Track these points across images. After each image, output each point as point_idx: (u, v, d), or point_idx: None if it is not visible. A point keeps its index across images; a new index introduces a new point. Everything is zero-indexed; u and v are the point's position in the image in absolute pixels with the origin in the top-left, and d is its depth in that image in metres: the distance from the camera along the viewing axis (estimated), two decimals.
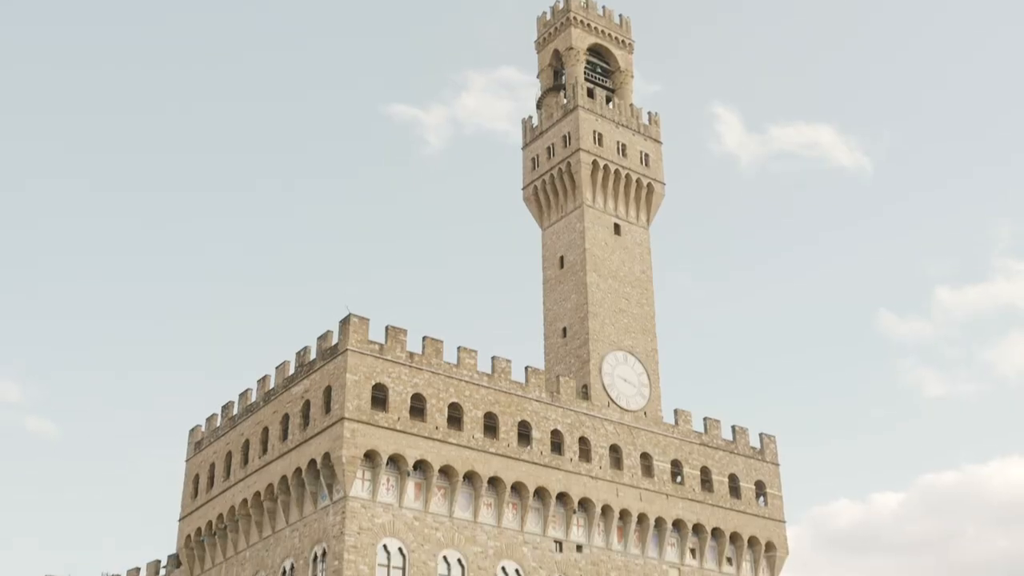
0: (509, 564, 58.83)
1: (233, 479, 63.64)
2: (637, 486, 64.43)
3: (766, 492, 70.28)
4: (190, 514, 67.33)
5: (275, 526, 59.68)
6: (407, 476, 56.73)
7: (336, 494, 55.55)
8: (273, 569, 58.85)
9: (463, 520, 58.10)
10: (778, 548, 68.91)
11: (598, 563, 61.87)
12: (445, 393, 58.99)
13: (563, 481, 61.44)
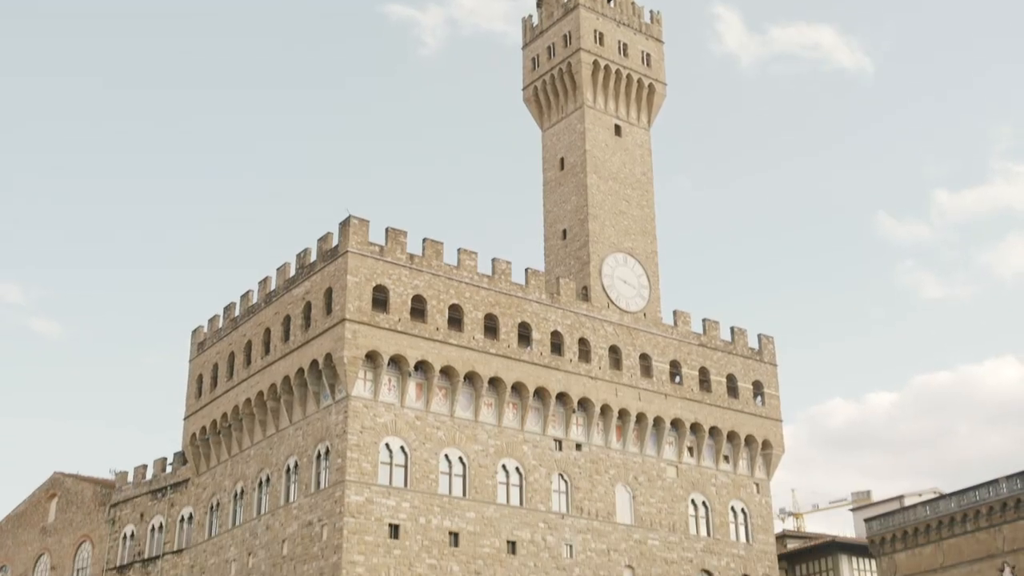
0: (509, 462, 59.84)
1: (236, 379, 64.36)
2: (636, 386, 65.17)
3: (763, 392, 71.13)
4: (195, 413, 68.24)
5: (279, 425, 60.56)
6: (408, 376, 57.37)
7: (338, 394, 56.24)
8: (277, 466, 59.87)
9: (464, 419, 58.92)
10: (774, 446, 70.01)
11: (597, 461, 62.90)
12: (445, 294, 59.32)
13: (563, 381, 62.14)
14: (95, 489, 74.80)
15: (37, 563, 76.14)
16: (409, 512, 55.20)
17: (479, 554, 56.58)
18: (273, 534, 58.50)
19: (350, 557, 52.76)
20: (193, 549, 65.19)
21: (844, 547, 71.23)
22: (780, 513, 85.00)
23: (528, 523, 58.89)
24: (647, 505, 63.94)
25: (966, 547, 57.94)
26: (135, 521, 70.09)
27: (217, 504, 64.46)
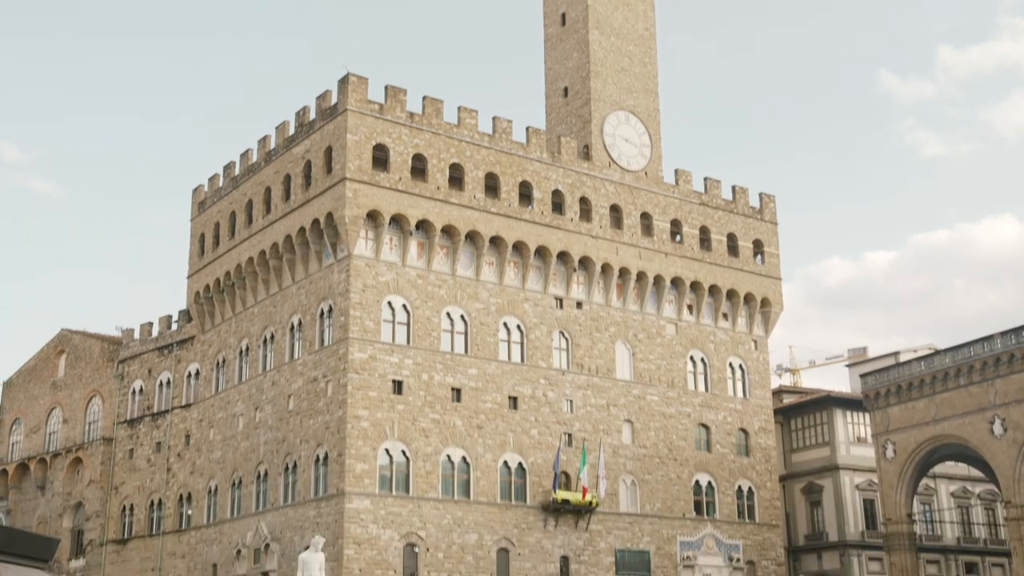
0: (511, 320, 60.59)
1: (238, 238, 64.64)
2: (637, 245, 65.44)
3: (763, 250, 71.44)
4: (198, 272, 68.79)
5: (281, 283, 61.11)
6: (410, 236, 57.60)
7: (340, 253, 56.58)
8: (281, 324, 60.69)
9: (465, 278, 59.40)
10: (773, 304, 70.72)
11: (597, 319, 63.67)
12: (446, 153, 59.03)
13: (564, 240, 62.38)
14: (102, 345, 76.00)
15: (50, 416, 77.95)
16: (412, 369, 56.21)
17: (481, 409, 57.85)
18: (279, 390, 59.72)
19: (355, 412, 53.99)
20: (201, 404, 66.65)
21: (839, 402, 72.63)
22: (777, 369, 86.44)
23: (529, 379, 60.01)
24: (646, 362, 65.00)
25: (958, 401, 59.03)
26: (143, 377, 71.45)
27: (223, 361, 65.59)
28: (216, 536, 62.48)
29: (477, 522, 56.16)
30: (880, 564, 66.88)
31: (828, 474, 71.24)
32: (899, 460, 61.93)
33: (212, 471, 64.14)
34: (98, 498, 71.24)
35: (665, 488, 63.51)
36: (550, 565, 57.89)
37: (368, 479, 53.58)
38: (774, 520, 68.08)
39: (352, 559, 52.11)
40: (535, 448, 59.02)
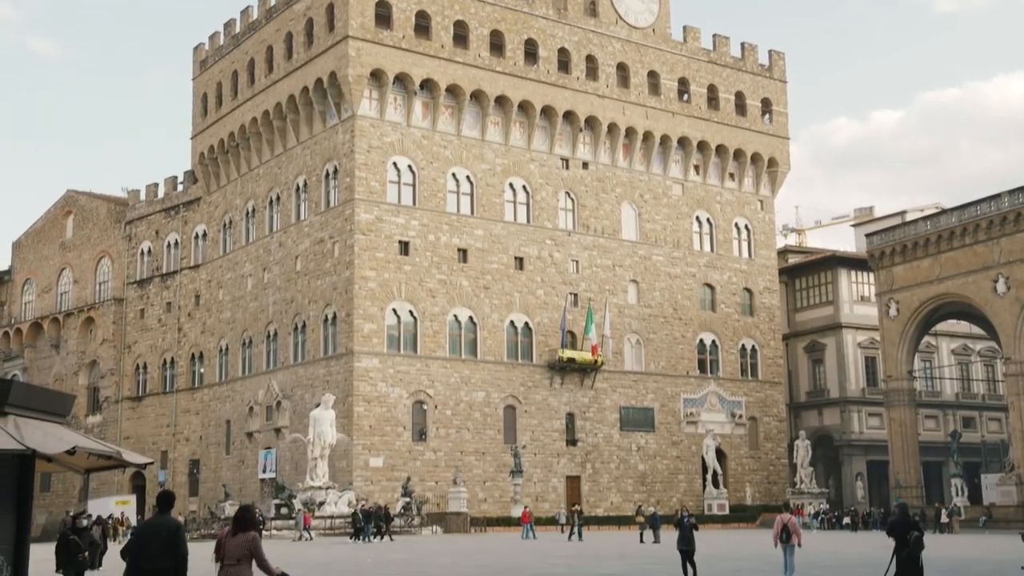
0: (516, 181, 60.43)
1: (241, 98, 64.02)
2: (644, 104, 64.72)
3: (772, 110, 70.62)
4: (202, 132, 68.36)
5: (286, 144, 60.80)
6: (414, 95, 57.00)
7: (344, 113, 56.11)
8: (287, 185, 60.64)
9: (471, 138, 59.01)
10: (780, 164, 70.29)
11: (603, 179, 63.46)
12: (450, 10, 57.92)
13: (570, 99, 61.69)
14: (109, 207, 76.14)
15: (60, 277, 78.68)
16: (418, 229, 56.40)
17: (487, 270, 58.25)
18: (286, 251, 60.07)
19: (362, 272, 54.43)
20: (209, 265, 67.14)
21: (844, 261, 72.88)
22: (783, 229, 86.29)
23: (535, 240, 60.22)
24: (652, 222, 65.04)
25: (963, 260, 59.17)
26: (151, 238, 71.79)
27: (230, 222, 65.77)
28: (228, 394, 63.80)
29: (484, 380, 57.20)
30: (879, 419, 68.26)
31: (831, 332, 72.07)
32: (902, 318, 62.54)
33: (222, 331, 65.06)
34: (112, 356, 72.51)
35: (669, 347, 64.37)
36: (556, 422, 59.19)
37: (376, 339, 54.38)
38: (776, 378, 69.20)
39: (362, 416, 53.32)
40: (541, 308, 59.64)
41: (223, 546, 10.97)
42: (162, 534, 10.99)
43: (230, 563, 10.83)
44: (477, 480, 55.67)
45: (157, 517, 11.43)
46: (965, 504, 60.55)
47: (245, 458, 61.34)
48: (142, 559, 10.92)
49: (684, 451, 63.68)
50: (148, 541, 11.03)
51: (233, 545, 10.88)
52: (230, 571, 10.82)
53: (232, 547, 10.87)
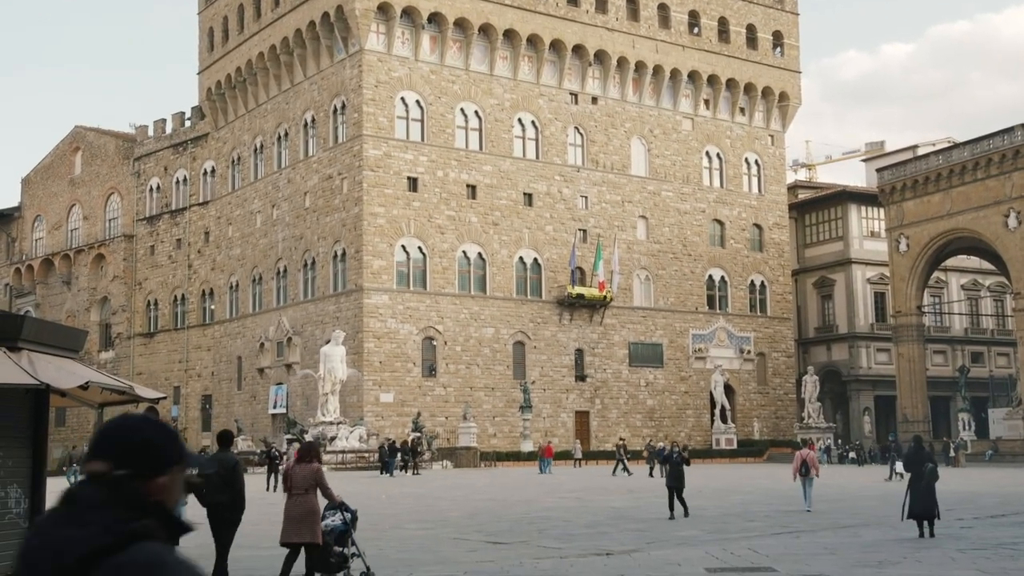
0: (525, 116, 60.05)
1: (247, 32, 63.49)
2: (653, 38, 64.02)
3: (783, 42, 69.81)
4: (208, 67, 67.89)
5: (293, 79, 60.40)
6: (422, 29, 56.46)
7: (352, 48, 55.65)
8: (295, 121, 60.36)
9: (479, 73, 58.53)
10: (791, 98, 69.65)
11: (612, 114, 63.01)
12: None
13: (579, 33, 61.04)
14: (117, 143, 75.95)
15: (70, 213, 78.76)
16: (427, 166, 56.22)
17: (496, 206, 58.13)
18: (295, 187, 59.97)
19: (371, 209, 54.39)
20: (218, 201, 67.10)
21: (854, 196, 72.48)
22: (793, 165, 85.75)
23: (544, 176, 59.99)
24: (662, 157, 64.69)
25: (974, 194, 58.81)
26: (159, 174, 71.69)
27: (238, 158, 65.60)
28: (239, 330, 64.14)
29: (493, 316, 57.38)
30: (888, 355, 68.40)
31: (840, 268, 71.93)
32: (912, 254, 62.38)
33: (232, 267, 65.23)
34: (122, 293, 72.85)
35: (678, 283, 64.39)
36: (565, 357, 59.45)
37: (386, 275, 54.50)
38: (785, 313, 69.27)
39: (372, 352, 53.61)
40: (550, 244, 59.60)
41: (290, 477, 11.79)
42: (220, 471, 11.85)
43: (298, 492, 11.60)
44: (487, 415, 56.12)
45: (218, 453, 12.40)
46: (972, 438, 60.90)
47: (257, 394, 61.86)
48: (206, 493, 11.71)
49: (692, 386, 64.01)
50: (209, 476, 11.79)
51: (300, 476, 11.65)
52: (298, 499, 11.58)
53: (299, 478, 11.64)
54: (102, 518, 2.12)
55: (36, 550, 2.13)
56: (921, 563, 14.27)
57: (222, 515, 11.74)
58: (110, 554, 2.07)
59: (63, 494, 2.23)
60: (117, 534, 2.10)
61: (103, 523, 2.11)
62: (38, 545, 2.14)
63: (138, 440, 2.26)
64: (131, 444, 2.24)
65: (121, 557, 2.07)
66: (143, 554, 2.09)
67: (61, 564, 2.08)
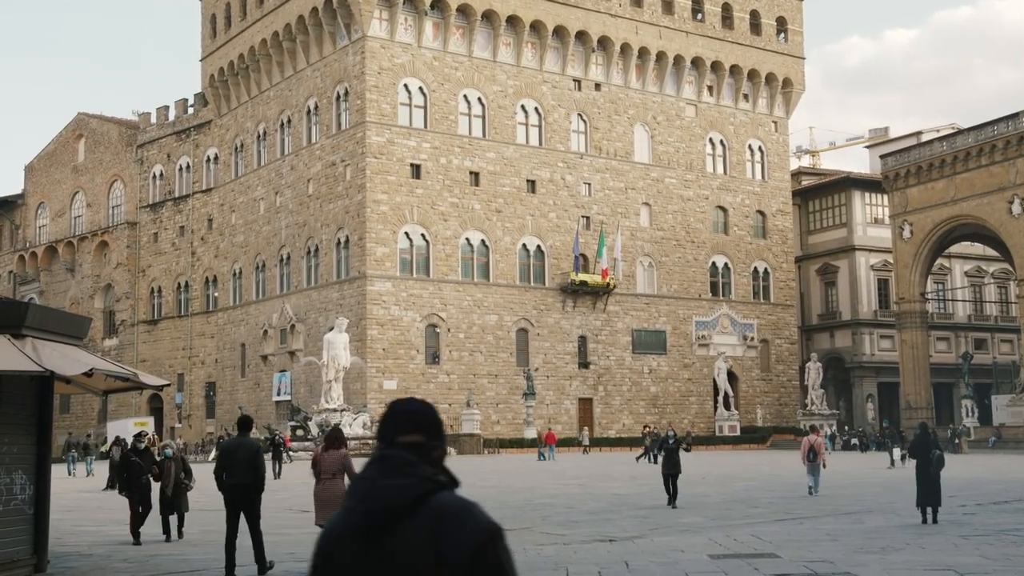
0: (528, 103, 59.95)
1: (250, 19, 63.37)
2: (657, 24, 63.84)
3: (787, 28, 69.60)
4: (211, 54, 67.79)
5: (296, 66, 60.31)
6: (425, 15, 56.33)
7: (354, 34, 55.55)
8: (298, 108, 60.29)
9: (482, 60, 58.42)
10: (795, 84, 69.47)
11: (616, 101, 62.88)
12: None
13: (582, 19, 60.88)
14: (120, 130, 75.90)
15: (73, 200, 78.77)
16: (430, 152, 56.16)
17: (499, 193, 58.09)
18: (298, 174, 59.94)
19: (374, 196, 54.37)
20: (221, 188, 67.09)
21: (857, 183, 72.32)
22: (796, 151, 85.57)
23: (547, 163, 59.93)
24: (665, 144, 64.59)
25: (978, 180, 58.67)
26: (162, 161, 71.66)
27: (241, 145, 65.56)
28: (243, 317, 64.21)
29: (497, 303, 57.40)
30: (891, 341, 68.39)
31: (844, 255, 71.85)
32: (915, 240, 62.30)
33: (236, 254, 65.26)
34: (126, 280, 72.91)
35: (682, 270, 64.36)
36: (568, 344, 59.49)
37: (389, 262, 54.51)
38: (788, 300, 69.25)
39: (376, 339, 53.67)
40: (553, 231, 59.57)
41: (319, 462, 12.34)
42: (242, 454, 12.38)
43: (327, 476, 12.19)
44: (490, 402, 56.19)
45: (239, 438, 12.94)
46: (975, 425, 60.90)
47: (260, 381, 61.96)
48: (228, 475, 12.36)
49: (696, 373, 64.04)
50: (233, 460, 12.43)
51: (328, 461, 12.24)
52: (327, 484, 12.15)
53: (327, 463, 12.24)
54: (417, 473, 2.88)
55: (372, 492, 2.86)
56: (924, 549, 14.29)
57: (247, 494, 12.29)
58: (427, 498, 2.84)
59: (380, 456, 2.93)
60: (432, 483, 2.88)
61: (419, 476, 2.88)
62: (372, 489, 2.86)
63: (435, 418, 3.02)
64: (433, 421, 3.00)
65: (436, 500, 2.85)
66: (452, 498, 2.89)
67: (394, 503, 2.82)
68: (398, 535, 2.81)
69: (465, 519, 2.84)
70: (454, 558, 2.76)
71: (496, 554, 2.80)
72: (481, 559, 2.78)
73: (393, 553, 2.81)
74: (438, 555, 2.77)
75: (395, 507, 2.82)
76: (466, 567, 2.76)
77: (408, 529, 2.81)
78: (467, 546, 2.78)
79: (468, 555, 2.77)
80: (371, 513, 2.84)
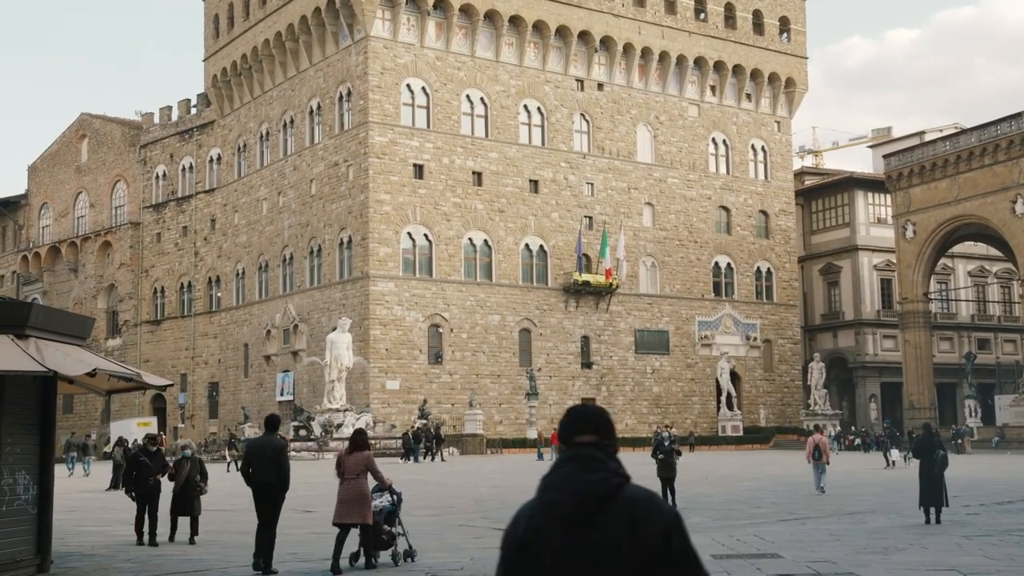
0: (531, 102, 59.94)
1: (252, 19, 63.40)
2: (660, 23, 63.83)
3: (790, 28, 69.54)
4: (214, 55, 67.82)
5: (299, 66, 60.33)
6: (427, 16, 56.35)
7: (357, 34, 55.57)
8: (300, 108, 60.32)
9: (485, 60, 58.42)
10: (797, 84, 69.42)
11: (618, 101, 62.86)
12: None
13: (585, 19, 60.87)
14: (123, 130, 75.96)
15: (76, 200, 78.83)
16: (433, 152, 56.17)
17: (502, 193, 58.09)
18: (301, 174, 59.97)
19: (377, 196, 54.39)
20: (224, 189, 67.12)
21: (860, 183, 72.23)
22: (799, 151, 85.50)
23: (550, 163, 59.92)
24: (668, 144, 64.56)
25: (981, 180, 58.61)
26: (165, 161, 71.70)
27: (244, 145, 65.59)
28: (246, 317, 64.25)
29: (499, 303, 57.40)
30: (894, 341, 68.32)
31: (847, 255, 71.79)
32: (918, 240, 62.25)
33: (239, 255, 65.29)
34: (129, 280, 72.96)
35: (685, 270, 64.33)
36: (571, 344, 59.48)
37: (392, 262, 54.53)
38: (791, 300, 69.20)
39: (378, 339, 53.69)
40: (556, 231, 59.56)
41: (343, 463, 12.71)
42: (268, 452, 12.73)
43: (350, 477, 12.57)
44: (493, 402, 56.19)
45: (265, 436, 13.25)
46: (978, 425, 60.84)
47: (263, 381, 61.99)
48: (255, 473, 12.72)
49: (699, 373, 64.01)
50: (258, 458, 12.81)
51: (352, 462, 12.63)
52: (350, 484, 12.54)
53: (351, 463, 12.63)
54: (606, 468, 3.35)
55: (575, 486, 3.31)
56: (927, 549, 14.28)
57: (270, 493, 12.62)
58: (619, 490, 3.31)
59: (572, 455, 3.39)
60: (621, 477, 3.35)
61: (608, 471, 3.35)
62: (574, 483, 3.32)
63: (607, 421, 3.49)
64: (604, 423, 3.48)
65: (626, 491, 3.32)
66: (640, 490, 3.36)
67: (596, 495, 3.28)
68: (599, 522, 3.27)
69: (653, 508, 3.33)
70: (651, 541, 3.25)
71: (681, 535, 3.31)
72: (670, 540, 3.27)
73: (595, 538, 3.26)
74: (636, 539, 3.24)
75: (597, 499, 3.29)
76: (660, 548, 3.26)
77: (607, 517, 3.27)
78: (660, 530, 3.28)
79: (661, 537, 3.26)
80: (578, 503, 3.29)
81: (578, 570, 3.25)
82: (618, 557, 3.24)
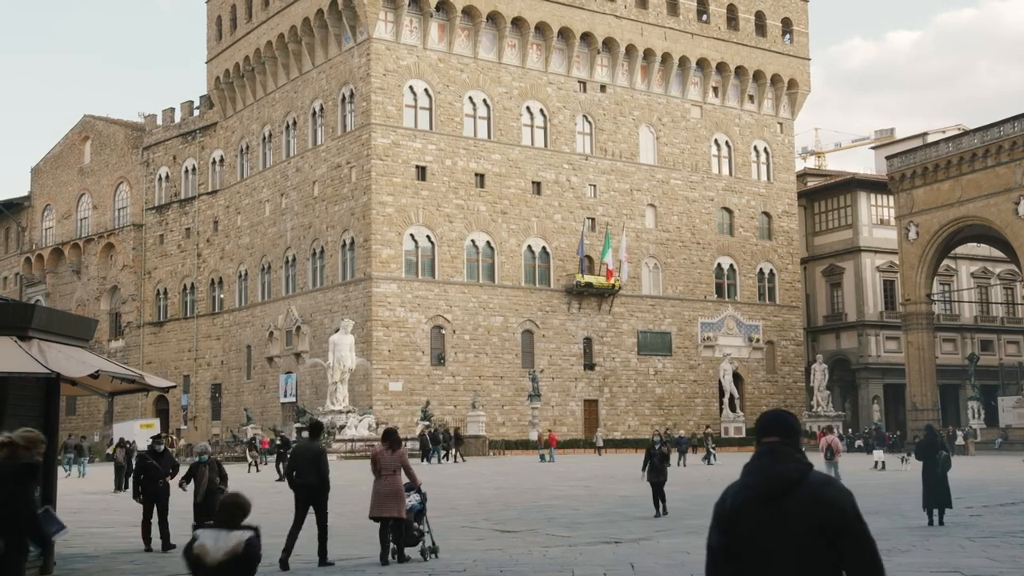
0: (533, 104, 59.96)
1: (255, 21, 63.46)
2: (662, 25, 63.84)
3: (792, 29, 69.55)
4: (217, 56, 67.89)
5: (302, 68, 60.38)
6: (430, 17, 56.38)
7: (359, 36, 55.61)
8: (303, 110, 60.36)
9: (487, 61, 58.45)
10: (800, 85, 69.41)
11: (621, 102, 62.88)
12: None
13: (587, 21, 60.89)
14: (126, 132, 76.03)
15: (79, 202, 78.92)
16: (435, 154, 56.19)
17: (505, 194, 58.10)
18: (303, 176, 60.00)
19: (379, 198, 54.41)
20: (227, 190, 67.16)
21: (863, 184, 72.20)
22: (802, 152, 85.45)
23: (552, 164, 59.93)
24: (670, 146, 64.56)
25: (984, 181, 58.59)
26: (168, 163, 71.77)
27: (247, 147, 65.64)
28: (248, 319, 64.27)
29: (502, 305, 57.40)
30: (897, 343, 68.28)
31: (849, 256, 71.76)
32: (921, 241, 62.21)
33: (241, 256, 65.33)
34: (132, 282, 73.02)
35: (687, 271, 64.32)
36: (574, 346, 59.47)
37: (394, 264, 54.54)
38: (794, 301, 69.17)
39: (381, 340, 53.70)
40: (558, 233, 59.57)
41: (378, 460, 13.20)
42: (309, 456, 13.42)
43: (387, 473, 13.11)
44: (495, 404, 56.19)
45: (308, 441, 13.97)
46: (981, 426, 60.78)
47: (266, 382, 62.02)
48: (298, 475, 13.38)
49: (701, 375, 63.98)
50: (301, 462, 13.44)
51: (388, 459, 13.17)
52: (387, 480, 13.07)
53: (387, 461, 13.16)
54: (796, 459, 4.20)
55: (772, 472, 4.17)
56: (931, 551, 14.26)
57: (311, 495, 13.24)
58: (806, 476, 4.13)
59: (768, 450, 4.25)
60: (807, 466, 4.18)
61: (798, 461, 4.18)
62: (771, 470, 4.17)
63: (788, 424, 4.29)
64: (785, 426, 4.29)
65: (811, 477, 4.15)
66: (821, 475, 4.20)
67: (789, 478, 4.12)
68: (790, 501, 4.08)
69: (833, 490, 4.15)
70: (835, 517, 4.07)
71: (856, 513, 4.12)
72: (845, 515, 4.09)
73: (788, 513, 4.07)
74: (822, 516, 4.05)
75: (790, 481, 4.11)
76: (840, 523, 4.06)
77: (797, 497, 4.09)
78: (841, 509, 4.09)
79: (842, 514, 4.07)
80: (773, 483, 4.12)
81: (773, 538, 4.06)
82: (804, 528, 4.04)
